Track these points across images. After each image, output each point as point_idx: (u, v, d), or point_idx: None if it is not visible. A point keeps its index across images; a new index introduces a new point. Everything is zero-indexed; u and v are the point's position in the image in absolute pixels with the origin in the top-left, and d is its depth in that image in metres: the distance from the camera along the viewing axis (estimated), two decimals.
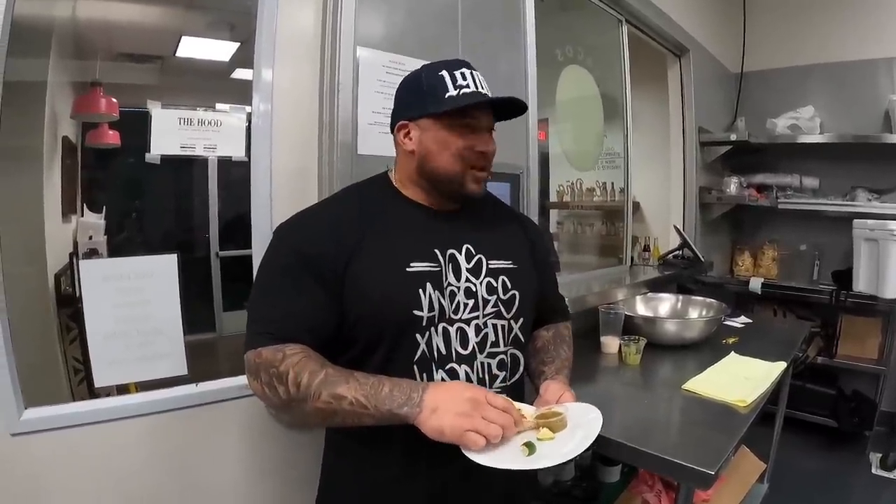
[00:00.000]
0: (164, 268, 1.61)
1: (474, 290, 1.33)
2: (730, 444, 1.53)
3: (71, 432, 1.41)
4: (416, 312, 1.23)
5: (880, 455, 3.79)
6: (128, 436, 1.50)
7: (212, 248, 2.14)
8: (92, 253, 1.60)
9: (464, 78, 1.27)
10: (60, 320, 1.59)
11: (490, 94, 1.30)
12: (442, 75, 1.28)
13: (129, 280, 1.56)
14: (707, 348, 2.44)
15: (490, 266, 1.36)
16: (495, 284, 1.36)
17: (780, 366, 2.17)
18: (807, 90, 4.60)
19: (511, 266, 1.40)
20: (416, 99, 1.30)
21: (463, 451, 1.09)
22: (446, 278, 1.29)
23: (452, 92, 1.26)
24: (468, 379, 1.29)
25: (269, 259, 1.28)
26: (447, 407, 1.09)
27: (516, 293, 1.38)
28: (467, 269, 1.33)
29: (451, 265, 1.31)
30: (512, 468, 1.06)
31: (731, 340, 2.57)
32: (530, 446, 1.12)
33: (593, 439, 1.14)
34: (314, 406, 1.12)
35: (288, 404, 1.15)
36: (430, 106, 1.27)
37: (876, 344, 4.23)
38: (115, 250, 1.65)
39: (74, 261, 1.55)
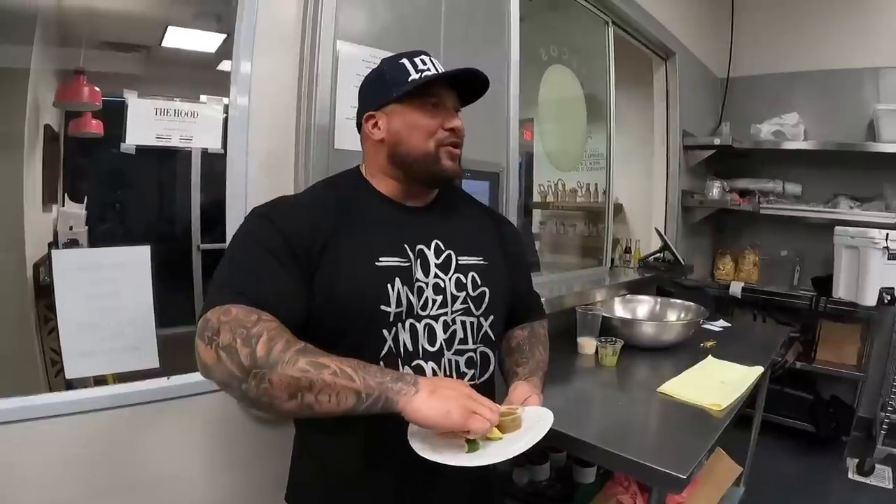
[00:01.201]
0: (136, 259, 1.58)
1: (443, 286, 1.31)
2: (703, 449, 1.52)
3: (40, 423, 1.39)
4: (384, 308, 1.21)
5: (857, 460, 3.82)
6: (97, 428, 1.48)
7: (193, 240, 2.14)
8: (72, 243, 1.59)
9: (424, 63, 1.29)
10: (38, 311, 1.58)
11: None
12: (403, 63, 1.29)
13: (102, 271, 1.53)
14: (684, 351, 2.44)
15: (460, 262, 1.35)
16: (465, 281, 1.34)
17: (757, 370, 2.17)
18: (792, 97, 4.64)
19: (481, 262, 1.39)
20: (381, 89, 1.31)
21: (410, 440, 1.07)
22: (415, 274, 1.27)
23: (415, 76, 1.26)
24: (435, 376, 1.26)
25: (244, 233, 1.21)
26: (448, 391, 1.05)
27: (486, 290, 1.36)
28: (436, 265, 1.31)
29: (419, 260, 1.29)
30: (451, 464, 1.03)
31: (709, 344, 2.57)
32: (472, 443, 1.08)
33: (535, 443, 1.11)
34: (285, 373, 0.98)
35: (247, 373, 0.99)
36: (394, 91, 1.27)
37: (855, 350, 4.27)
38: (96, 242, 1.64)
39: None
